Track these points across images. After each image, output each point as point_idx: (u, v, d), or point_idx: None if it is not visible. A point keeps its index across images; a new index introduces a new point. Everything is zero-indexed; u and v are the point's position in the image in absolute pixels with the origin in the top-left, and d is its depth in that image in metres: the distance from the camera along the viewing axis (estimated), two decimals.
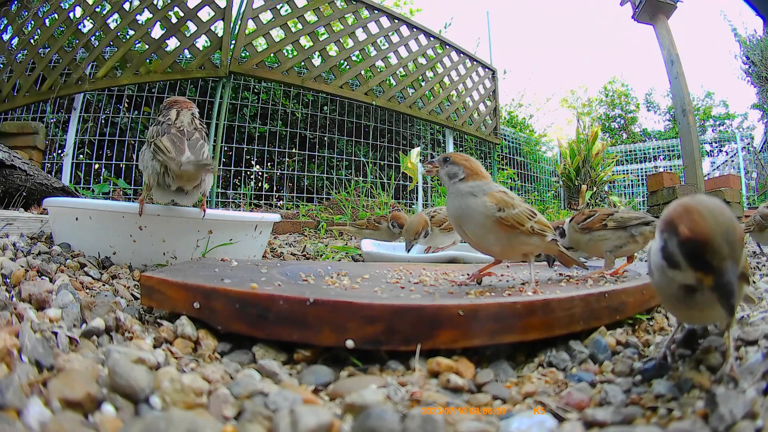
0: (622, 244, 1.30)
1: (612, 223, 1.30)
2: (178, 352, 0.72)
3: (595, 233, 1.32)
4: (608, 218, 1.31)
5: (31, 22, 3.92)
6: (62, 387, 0.49)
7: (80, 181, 4.27)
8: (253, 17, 4.37)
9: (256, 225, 1.60)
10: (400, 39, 5.25)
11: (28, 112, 4.40)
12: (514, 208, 1.07)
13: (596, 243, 1.32)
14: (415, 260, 1.84)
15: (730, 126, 13.88)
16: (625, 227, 1.29)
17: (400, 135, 5.99)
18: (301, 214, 4.25)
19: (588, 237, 1.33)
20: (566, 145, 7.58)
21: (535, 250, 1.12)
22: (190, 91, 4.98)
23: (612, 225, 1.30)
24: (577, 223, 1.37)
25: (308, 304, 0.72)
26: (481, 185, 1.09)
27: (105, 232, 1.37)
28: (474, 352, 0.75)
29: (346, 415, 0.54)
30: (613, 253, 1.32)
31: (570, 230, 1.38)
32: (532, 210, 1.11)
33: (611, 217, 1.31)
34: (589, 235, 1.33)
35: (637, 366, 0.71)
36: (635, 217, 1.30)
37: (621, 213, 1.33)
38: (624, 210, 1.39)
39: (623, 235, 1.29)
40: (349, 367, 0.70)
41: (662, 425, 0.52)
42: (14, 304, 0.76)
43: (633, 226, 1.29)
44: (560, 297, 0.81)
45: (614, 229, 1.30)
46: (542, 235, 1.10)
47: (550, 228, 1.13)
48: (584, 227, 1.34)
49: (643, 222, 1.29)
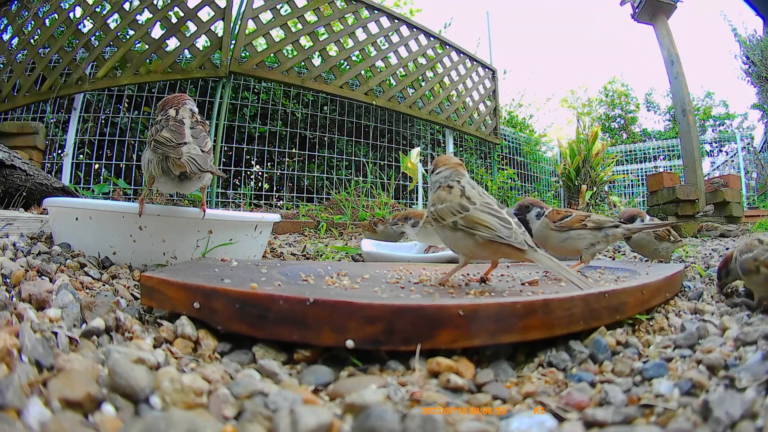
0: (596, 243, 1.43)
1: (591, 224, 1.43)
2: (178, 352, 0.72)
3: (572, 232, 1.43)
4: (587, 219, 1.44)
5: (31, 22, 3.92)
6: (62, 387, 0.49)
7: (80, 181, 4.27)
8: (253, 17, 4.37)
9: (256, 225, 1.60)
10: (400, 39, 5.26)
11: (28, 112, 4.40)
12: (441, 203, 1.10)
13: (574, 241, 1.44)
14: (415, 260, 1.84)
15: (730, 126, 13.89)
16: (601, 228, 1.43)
17: (400, 135, 5.99)
18: (301, 214, 4.25)
19: (565, 236, 1.44)
20: (566, 145, 7.57)
21: (466, 249, 1.09)
22: (190, 91, 4.97)
23: (591, 225, 1.43)
24: (553, 221, 1.42)
25: (308, 304, 0.72)
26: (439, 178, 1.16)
27: (105, 232, 1.37)
28: (474, 352, 0.75)
29: (346, 415, 0.54)
30: (589, 251, 1.43)
31: (542, 228, 1.43)
32: (462, 206, 1.07)
33: (589, 218, 1.45)
34: (566, 234, 1.43)
35: (637, 366, 0.71)
36: (608, 220, 1.46)
37: (595, 216, 1.47)
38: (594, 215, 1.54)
39: (599, 235, 1.43)
40: (349, 367, 0.70)
41: (662, 425, 0.52)
42: (14, 304, 0.76)
43: (607, 227, 1.44)
44: (560, 297, 0.81)
45: (592, 229, 1.43)
46: (466, 232, 1.05)
47: (485, 225, 1.04)
48: (562, 226, 1.43)
49: (613, 225, 1.45)
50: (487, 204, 1.08)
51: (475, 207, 1.07)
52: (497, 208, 1.08)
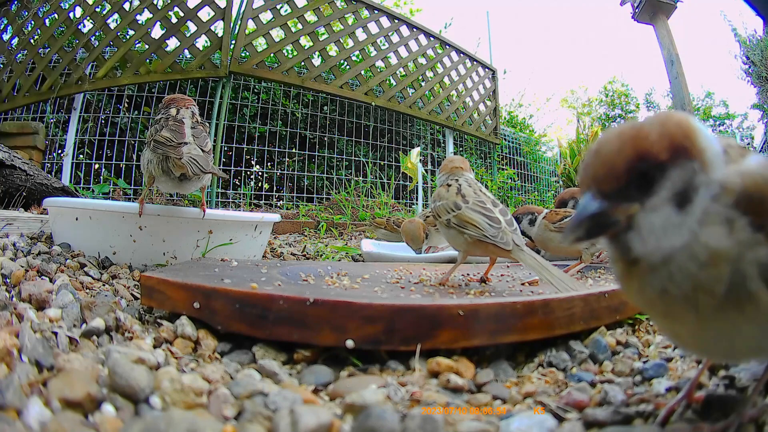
0: (595, 242, 1.42)
1: None
2: (178, 352, 0.72)
3: None
4: None
5: (31, 22, 3.92)
6: (62, 387, 0.49)
7: (80, 181, 4.26)
8: (253, 17, 4.37)
9: (256, 225, 1.60)
10: (400, 39, 5.25)
11: (28, 112, 4.40)
12: (439, 201, 1.11)
13: None
14: (415, 260, 1.84)
15: (730, 126, 13.87)
16: None
17: (400, 135, 5.98)
18: (301, 214, 4.25)
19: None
20: (566, 145, 7.55)
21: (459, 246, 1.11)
22: (190, 91, 4.97)
23: None
24: (552, 222, 1.42)
25: (308, 304, 0.72)
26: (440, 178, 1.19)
27: (105, 232, 1.37)
28: (474, 352, 0.75)
29: (346, 415, 0.54)
30: (589, 250, 1.43)
31: (541, 231, 1.43)
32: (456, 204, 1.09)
33: None
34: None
35: (637, 366, 0.71)
36: None
37: None
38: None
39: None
40: (349, 367, 0.70)
41: (661, 424, 0.52)
42: (14, 304, 0.76)
43: None
44: (560, 297, 0.81)
45: None
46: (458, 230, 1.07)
47: (473, 224, 1.05)
48: (562, 227, 1.43)
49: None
50: (479, 203, 1.09)
51: (467, 206, 1.08)
52: (490, 207, 1.08)
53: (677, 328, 0.47)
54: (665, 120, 0.45)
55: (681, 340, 0.50)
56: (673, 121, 0.45)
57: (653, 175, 0.43)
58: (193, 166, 1.25)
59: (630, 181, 0.43)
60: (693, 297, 0.42)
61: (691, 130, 0.44)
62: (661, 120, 0.45)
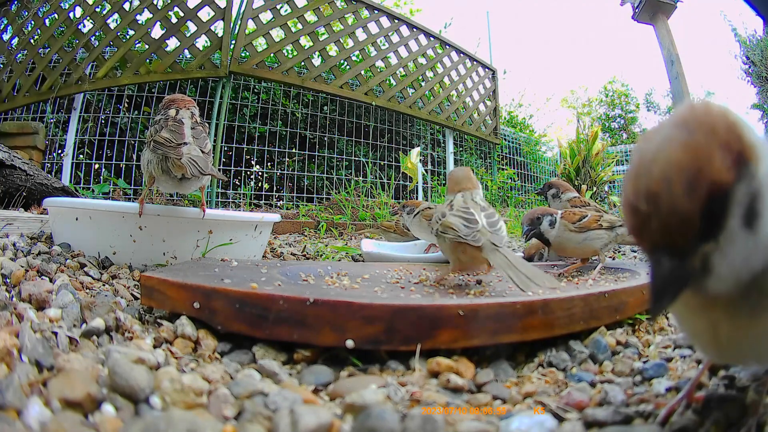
0: (609, 242, 1.43)
1: (606, 224, 1.43)
2: (178, 352, 0.72)
3: (591, 233, 1.42)
4: (601, 219, 1.44)
5: (31, 22, 3.92)
6: (62, 387, 0.49)
7: (80, 181, 4.26)
8: (253, 17, 4.37)
9: (256, 225, 1.60)
10: (400, 39, 5.25)
11: (28, 112, 4.39)
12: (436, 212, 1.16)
13: (592, 242, 1.42)
14: (415, 260, 1.84)
15: None
16: (613, 228, 1.43)
17: (400, 135, 5.98)
18: (301, 214, 4.25)
19: (583, 236, 1.42)
20: (566, 145, 7.55)
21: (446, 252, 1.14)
22: (190, 91, 4.97)
23: (606, 225, 1.42)
24: (572, 223, 1.41)
25: (308, 304, 0.72)
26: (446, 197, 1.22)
27: (105, 232, 1.37)
28: (474, 352, 0.75)
29: (346, 415, 0.54)
30: (605, 250, 1.43)
31: (561, 232, 1.42)
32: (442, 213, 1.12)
33: (603, 218, 1.44)
34: (585, 235, 1.42)
35: (637, 366, 0.71)
36: (617, 219, 1.46)
37: (606, 216, 1.47)
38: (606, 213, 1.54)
39: (611, 234, 1.43)
40: (349, 367, 0.70)
41: (661, 424, 0.52)
42: (14, 304, 0.76)
43: (617, 226, 1.43)
44: (560, 297, 0.81)
45: (607, 229, 1.43)
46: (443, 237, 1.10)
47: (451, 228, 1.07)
48: (581, 227, 1.42)
49: (621, 224, 1.45)
50: (464, 209, 1.10)
51: (452, 212, 1.10)
52: (473, 212, 1.09)
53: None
54: (714, 125, 0.36)
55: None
56: (722, 125, 0.36)
57: (725, 203, 0.35)
58: (192, 167, 1.25)
59: (705, 224, 0.35)
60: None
61: (739, 128, 0.37)
62: (710, 126, 0.36)
